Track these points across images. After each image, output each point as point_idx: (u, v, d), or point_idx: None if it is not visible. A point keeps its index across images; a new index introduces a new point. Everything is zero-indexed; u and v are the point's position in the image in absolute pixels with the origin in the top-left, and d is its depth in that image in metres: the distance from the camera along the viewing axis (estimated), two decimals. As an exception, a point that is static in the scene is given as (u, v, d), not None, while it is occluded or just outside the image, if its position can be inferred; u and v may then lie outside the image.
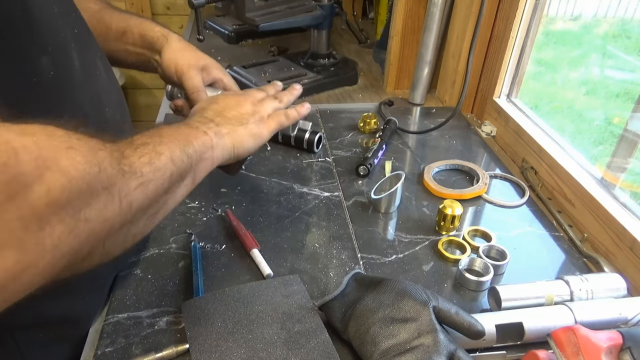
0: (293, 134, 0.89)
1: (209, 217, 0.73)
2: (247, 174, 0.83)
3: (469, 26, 0.99)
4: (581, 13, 2.06)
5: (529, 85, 1.06)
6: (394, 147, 0.94)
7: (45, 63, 0.43)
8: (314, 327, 0.54)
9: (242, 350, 0.51)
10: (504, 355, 0.54)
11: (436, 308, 0.51)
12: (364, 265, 0.66)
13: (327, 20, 1.15)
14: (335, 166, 0.87)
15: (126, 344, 0.53)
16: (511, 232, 0.73)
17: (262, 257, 0.65)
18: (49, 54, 0.44)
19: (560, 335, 0.46)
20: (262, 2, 1.06)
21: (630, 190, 0.73)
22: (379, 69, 1.30)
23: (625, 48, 1.86)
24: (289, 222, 0.73)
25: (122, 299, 0.59)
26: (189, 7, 0.92)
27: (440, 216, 0.71)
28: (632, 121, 0.73)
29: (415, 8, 1.08)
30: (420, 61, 1.08)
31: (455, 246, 0.70)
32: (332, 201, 0.78)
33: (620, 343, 0.44)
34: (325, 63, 1.21)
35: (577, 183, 0.76)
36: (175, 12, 2.11)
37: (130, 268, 0.63)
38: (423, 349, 0.47)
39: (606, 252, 0.70)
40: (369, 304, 0.53)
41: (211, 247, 0.67)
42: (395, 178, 0.77)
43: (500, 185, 0.85)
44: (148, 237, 0.68)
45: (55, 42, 0.45)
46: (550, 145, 0.86)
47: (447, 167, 0.88)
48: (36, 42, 0.43)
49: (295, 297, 0.58)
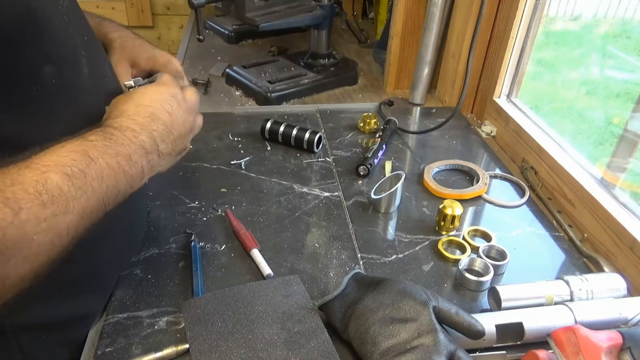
0: (293, 134, 0.89)
1: (209, 217, 0.73)
2: (247, 174, 0.83)
3: (469, 26, 0.99)
4: (581, 13, 2.06)
5: (529, 85, 1.06)
6: (394, 147, 0.94)
7: (48, 72, 0.43)
8: (314, 327, 0.54)
9: (242, 350, 0.51)
10: (504, 355, 0.54)
11: (436, 308, 0.51)
12: (364, 265, 0.66)
13: (327, 20, 1.15)
14: (335, 166, 0.87)
15: (126, 344, 0.53)
16: (511, 232, 0.73)
17: (262, 257, 0.64)
18: (54, 63, 0.44)
19: (560, 335, 0.46)
20: (262, 2, 1.06)
21: (630, 190, 0.73)
22: (379, 69, 1.30)
23: (626, 48, 1.86)
24: (289, 222, 0.73)
25: (122, 299, 0.59)
26: (189, 7, 0.92)
27: (440, 216, 0.71)
28: (632, 121, 0.73)
29: (415, 8, 1.08)
30: (420, 61, 1.08)
31: (455, 246, 0.70)
32: (332, 201, 0.78)
33: (620, 343, 0.44)
34: (325, 63, 1.21)
35: (577, 183, 0.76)
36: (175, 12, 2.11)
37: (130, 268, 0.63)
38: (423, 349, 0.47)
39: (606, 252, 0.70)
40: (369, 304, 0.53)
41: (211, 247, 0.67)
42: (395, 178, 0.77)
43: (500, 185, 0.85)
44: (148, 237, 0.68)
45: (63, 51, 0.46)
46: (550, 145, 0.86)
47: (447, 167, 0.88)
48: (41, 51, 0.43)
49: (295, 297, 0.58)
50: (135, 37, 0.64)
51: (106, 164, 0.40)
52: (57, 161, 0.37)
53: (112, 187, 0.41)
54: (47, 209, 0.35)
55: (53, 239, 0.36)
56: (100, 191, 0.39)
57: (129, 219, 0.62)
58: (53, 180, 0.36)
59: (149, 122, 0.47)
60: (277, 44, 1.38)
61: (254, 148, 0.91)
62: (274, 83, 1.11)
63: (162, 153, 0.48)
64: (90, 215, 0.39)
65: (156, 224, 0.71)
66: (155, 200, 0.75)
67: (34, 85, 0.42)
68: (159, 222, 0.71)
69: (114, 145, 0.42)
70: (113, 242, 0.58)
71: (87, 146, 0.40)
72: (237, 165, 0.86)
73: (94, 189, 0.39)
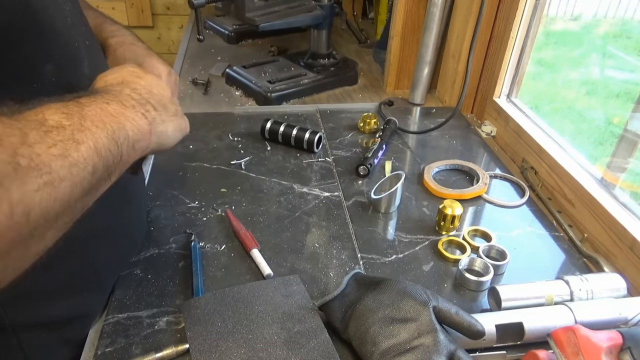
0: (293, 135, 0.89)
1: (209, 217, 0.73)
2: (247, 174, 0.83)
3: (469, 26, 0.99)
4: (581, 13, 2.06)
5: (529, 85, 1.06)
6: (394, 147, 0.94)
7: (49, 70, 0.43)
8: (314, 327, 0.54)
9: (242, 350, 0.51)
10: (504, 355, 0.54)
11: (436, 308, 0.51)
12: (364, 265, 0.66)
13: (327, 20, 1.15)
14: (335, 166, 0.87)
15: (126, 344, 0.53)
16: (511, 232, 0.73)
17: (262, 257, 0.65)
18: (55, 62, 0.44)
19: (560, 335, 0.46)
20: (262, 2, 1.06)
21: (630, 190, 0.73)
22: (379, 69, 1.30)
23: (626, 48, 1.86)
24: (289, 222, 0.73)
25: (122, 299, 0.59)
26: (189, 7, 0.92)
27: (440, 216, 0.71)
28: (632, 121, 0.73)
29: (415, 8, 1.08)
30: (420, 61, 1.08)
31: (455, 246, 0.70)
32: (332, 201, 0.78)
33: (620, 343, 0.44)
34: (325, 63, 1.21)
35: (577, 183, 0.76)
36: (175, 12, 2.11)
37: (130, 268, 0.63)
38: (423, 349, 0.47)
39: (606, 252, 0.70)
40: (369, 304, 0.53)
41: (211, 247, 0.67)
42: (395, 178, 0.77)
43: (500, 185, 0.85)
44: (148, 237, 0.68)
45: (65, 51, 0.46)
46: (550, 145, 0.86)
47: (447, 167, 0.88)
48: (43, 50, 0.43)
49: (295, 297, 0.58)
50: (132, 43, 0.63)
51: (100, 109, 0.37)
52: (49, 106, 0.34)
53: (118, 127, 0.37)
54: (53, 135, 0.31)
55: (71, 169, 0.31)
56: (105, 130, 0.35)
57: (129, 219, 0.62)
58: (52, 116, 0.32)
59: (129, 79, 0.44)
60: (277, 44, 1.38)
61: (254, 148, 0.91)
62: (274, 83, 1.11)
63: (154, 106, 0.44)
64: (105, 154, 0.35)
65: (156, 224, 0.71)
66: (155, 200, 0.75)
67: (34, 83, 0.42)
68: (159, 222, 0.71)
69: (100, 97, 0.39)
70: (113, 242, 0.58)
71: (74, 98, 0.37)
72: (237, 165, 0.86)
73: (97, 127, 0.35)
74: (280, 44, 1.38)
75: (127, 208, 0.62)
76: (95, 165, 0.33)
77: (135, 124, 0.39)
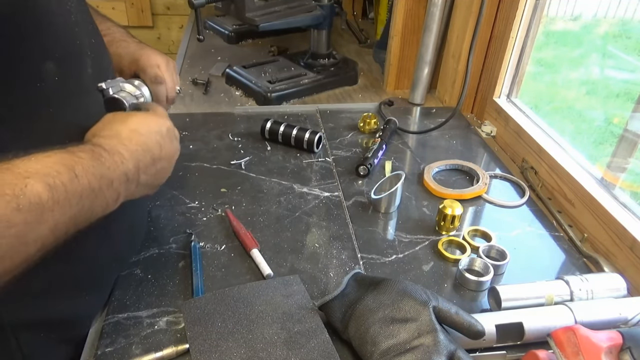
0: (293, 135, 0.89)
1: (209, 217, 0.73)
2: (247, 174, 0.83)
3: (469, 26, 0.99)
4: (581, 13, 2.06)
5: (529, 85, 1.06)
6: (394, 147, 0.94)
7: (50, 68, 0.43)
8: (314, 327, 0.54)
9: (242, 350, 0.51)
10: (504, 355, 0.54)
11: (436, 308, 0.51)
12: (364, 265, 0.66)
13: (327, 20, 1.15)
14: (335, 166, 0.87)
15: (126, 344, 0.53)
16: (511, 232, 0.73)
17: (262, 257, 0.64)
18: (56, 59, 0.44)
19: (560, 335, 0.46)
20: (262, 2, 1.06)
21: (630, 190, 0.73)
22: (379, 69, 1.30)
23: (626, 48, 1.86)
24: (289, 222, 0.73)
25: (122, 299, 0.59)
26: (189, 7, 0.92)
27: (440, 216, 0.71)
28: (632, 121, 0.73)
29: (415, 8, 1.08)
30: (420, 61, 1.08)
31: (455, 246, 0.70)
32: (332, 201, 0.78)
33: (620, 343, 0.44)
34: (325, 63, 1.21)
35: (577, 183, 0.76)
36: (175, 12, 2.11)
37: (130, 268, 0.63)
38: (423, 349, 0.47)
39: (606, 252, 0.70)
40: (369, 304, 0.53)
41: (211, 247, 0.67)
42: (395, 178, 0.77)
43: (500, 185, 0.85)
44: (148, 237, 0.68)
45: (68, 49, 0.46)
46: (550, 145, 0.86)
47: (447, 167, 0.88)
48: (43, 47, 0.43)
49: (295, 297, 0.58)
50: (122, 39, 0.63)
51: (88, 183, 0.40)
52: (41, 170, 0.36)
53: (87, 207, 0.40)
54: (21, 215, 0.34)
55: (19, 247, 0.34)
56: (76, 209, 0.39)
57: (129, 219, 0.62)
58: (34, 187, 0.35)
59: (138, 152, 0.47)
60: (277, 44, 1.38)
61: (254, 148, 0.91)
62: (274, 83, 1.11)
63: (140, 183, 0.48)
64: (60, 231, 0.38)
65: (156, 224, 0.71)
66: (155, 200, 0.75)
67: (37, 82, 0.42)
68: (159, 222, 0.71)
69: (100, 166, 0.42)
70: (113, 242, 0.58)
71: (74, 161, 0.39)
72: (237, 165, 0.86)
73: (71, 206, 0.38)
74: (280, 44, 1.38)
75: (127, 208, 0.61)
76: (45, 241, 0.37)
77: (105, 204, 0.42)
